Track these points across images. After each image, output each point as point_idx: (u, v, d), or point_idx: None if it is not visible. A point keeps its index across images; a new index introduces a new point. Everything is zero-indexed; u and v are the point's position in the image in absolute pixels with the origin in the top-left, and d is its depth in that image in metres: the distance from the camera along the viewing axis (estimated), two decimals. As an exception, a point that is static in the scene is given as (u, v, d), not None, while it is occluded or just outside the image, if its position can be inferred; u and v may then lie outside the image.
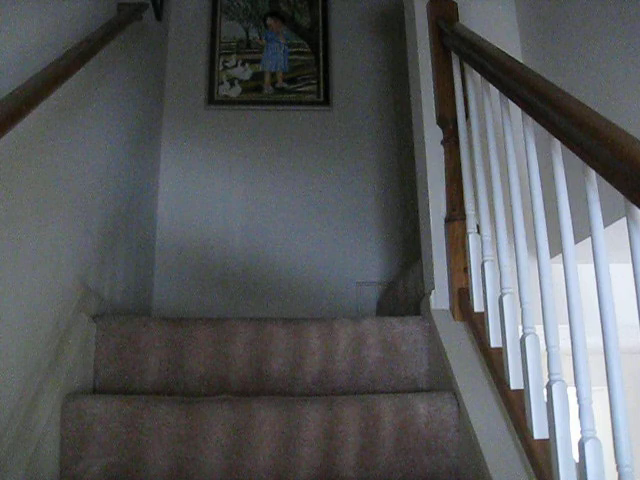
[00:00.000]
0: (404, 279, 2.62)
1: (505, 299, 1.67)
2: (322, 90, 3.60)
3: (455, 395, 1.74)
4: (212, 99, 3.54)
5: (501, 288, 1.70)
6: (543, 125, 1.46)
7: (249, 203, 3.38)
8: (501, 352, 1.68)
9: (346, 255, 3.33)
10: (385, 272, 3.30)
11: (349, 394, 1.94)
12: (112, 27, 2.14)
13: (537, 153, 1.56)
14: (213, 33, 3.67)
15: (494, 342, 1.75)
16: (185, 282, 3.25)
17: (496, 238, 1.75)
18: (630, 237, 1.15)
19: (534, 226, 1.51)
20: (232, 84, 3.58)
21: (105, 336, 2.01)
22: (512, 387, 1.60)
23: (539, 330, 1.50)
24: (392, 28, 3.63)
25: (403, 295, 2.61)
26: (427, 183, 2.15)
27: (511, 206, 1.64)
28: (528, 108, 1.55)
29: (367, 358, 2.02)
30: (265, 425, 1.67)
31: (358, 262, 3.33)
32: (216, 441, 1.65)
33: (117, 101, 2.50)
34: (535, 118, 1.51)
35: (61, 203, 1.85)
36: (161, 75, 3.49)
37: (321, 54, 3.67)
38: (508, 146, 1.69)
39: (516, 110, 1.64)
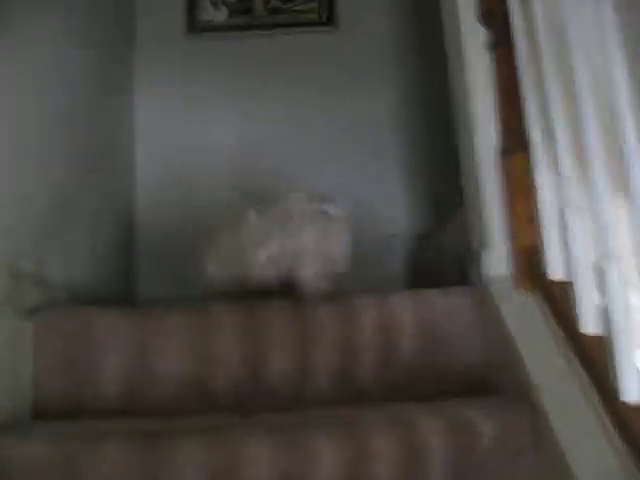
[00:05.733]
0: (439, 233, 2.06)
1: (609, 265, 1.09)
2: (325, 7, 2.97)
3: (532, 405, 1.20)
4: (193, 26, 2.93)
5: (598, 248, 1.13)
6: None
7: (244, 142, 2.80)
8: (600, 342, 1.13)
9: (366, 201, 2.73)
10: (412, 223, 2.72)
11: (376, 399, 1.42)
12: None
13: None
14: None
15: (588, 326, 1.19)
16: (178, 251, 2.67)
17: (584, 174, 1.19)
18: None
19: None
20: (216, 7, 2.96)
21: (46, 337, 1.49)
22: (624, 398, 1.05)
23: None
24: None
25: (439, 254, 2.05)
26: (469, 103, 1.57)
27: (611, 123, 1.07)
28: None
29: (400, 347, 1.48)
30: (255, 466, 1.14)
31: (378, 210, 2.74)
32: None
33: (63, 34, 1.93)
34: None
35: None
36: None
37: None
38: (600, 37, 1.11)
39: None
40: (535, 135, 1.41)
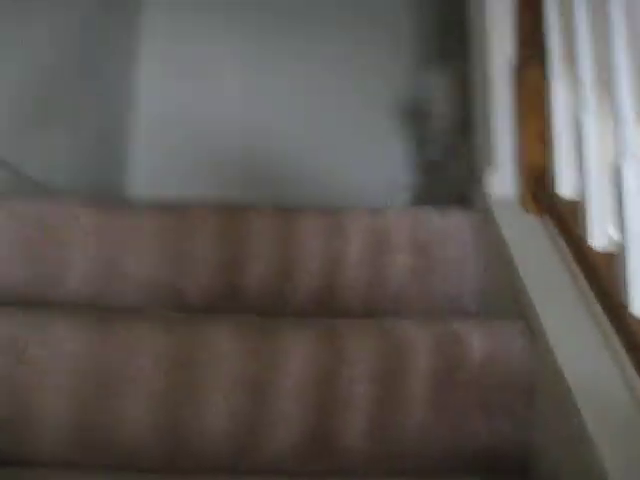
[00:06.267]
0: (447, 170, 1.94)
1: (627, 170, 0.97)
2: None
3: (530, 326, 1.09)
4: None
5: (618, 154, 1.01)
6: None
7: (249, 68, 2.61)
8: (611, 258, 1.02)
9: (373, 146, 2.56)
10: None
11: (360, 316, 1.31)
12: None
13: None
14: None
15: (599, 241, 1.08)
16: (173, 161, 2.52)
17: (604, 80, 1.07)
18: None
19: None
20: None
21: (7, 225, 1.38)
22: (638, 313, 0.94)
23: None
24: None
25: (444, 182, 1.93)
26: (485, 8, 1.44)
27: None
28: None
29: (391, 266, 1.37)
30: (224, 360, 1.03)
31: (387, 155, 2.56)
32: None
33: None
34: None
35: None
36: None
37: None
38: None
39: None
40: (553, 41, 1.28)
